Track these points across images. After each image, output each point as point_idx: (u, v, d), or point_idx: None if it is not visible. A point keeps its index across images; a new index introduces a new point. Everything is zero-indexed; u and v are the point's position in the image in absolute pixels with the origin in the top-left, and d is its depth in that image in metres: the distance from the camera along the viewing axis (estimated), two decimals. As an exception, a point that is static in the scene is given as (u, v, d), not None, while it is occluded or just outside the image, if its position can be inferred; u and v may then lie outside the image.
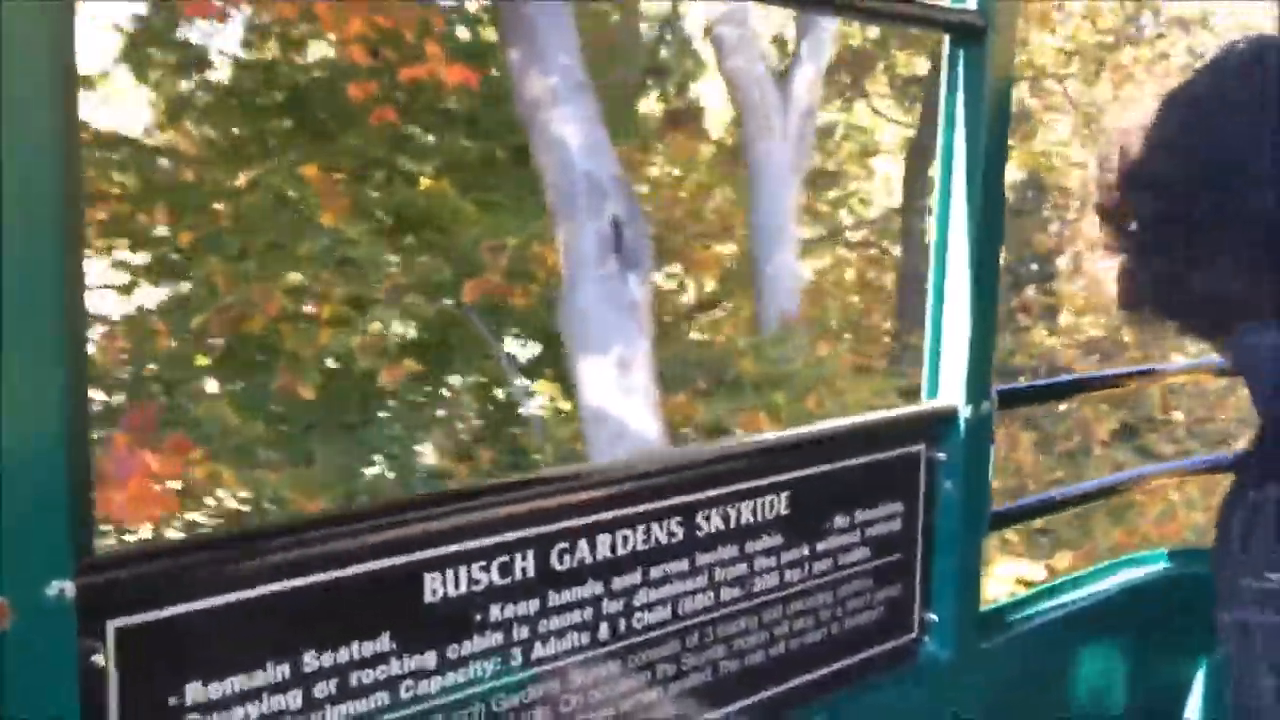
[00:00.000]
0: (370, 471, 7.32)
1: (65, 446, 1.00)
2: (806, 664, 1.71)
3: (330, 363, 7.53)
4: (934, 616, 1.88)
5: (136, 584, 1.10)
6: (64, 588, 1.02)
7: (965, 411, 1.83)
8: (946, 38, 1.78)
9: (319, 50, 9.48)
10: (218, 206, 7.82)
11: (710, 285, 9.11)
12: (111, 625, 1.07)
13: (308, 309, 7.60)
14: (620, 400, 6.11)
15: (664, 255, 8.52)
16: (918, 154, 15.28)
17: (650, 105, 11.85)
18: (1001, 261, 1.87)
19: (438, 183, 9.36)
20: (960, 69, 1.78)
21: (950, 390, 1.84)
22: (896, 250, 15.01)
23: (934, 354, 1.86)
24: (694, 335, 8.14)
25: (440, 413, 8.43)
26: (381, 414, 7.77)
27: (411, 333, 8.22)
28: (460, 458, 7.45)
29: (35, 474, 0.99)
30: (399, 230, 8.97)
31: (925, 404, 1.87)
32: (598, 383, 6.17)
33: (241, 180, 8.54)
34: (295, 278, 7.55)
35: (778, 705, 1.67)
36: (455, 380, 8.83)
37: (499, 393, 8.64)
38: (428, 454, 7.90)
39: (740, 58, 8.85)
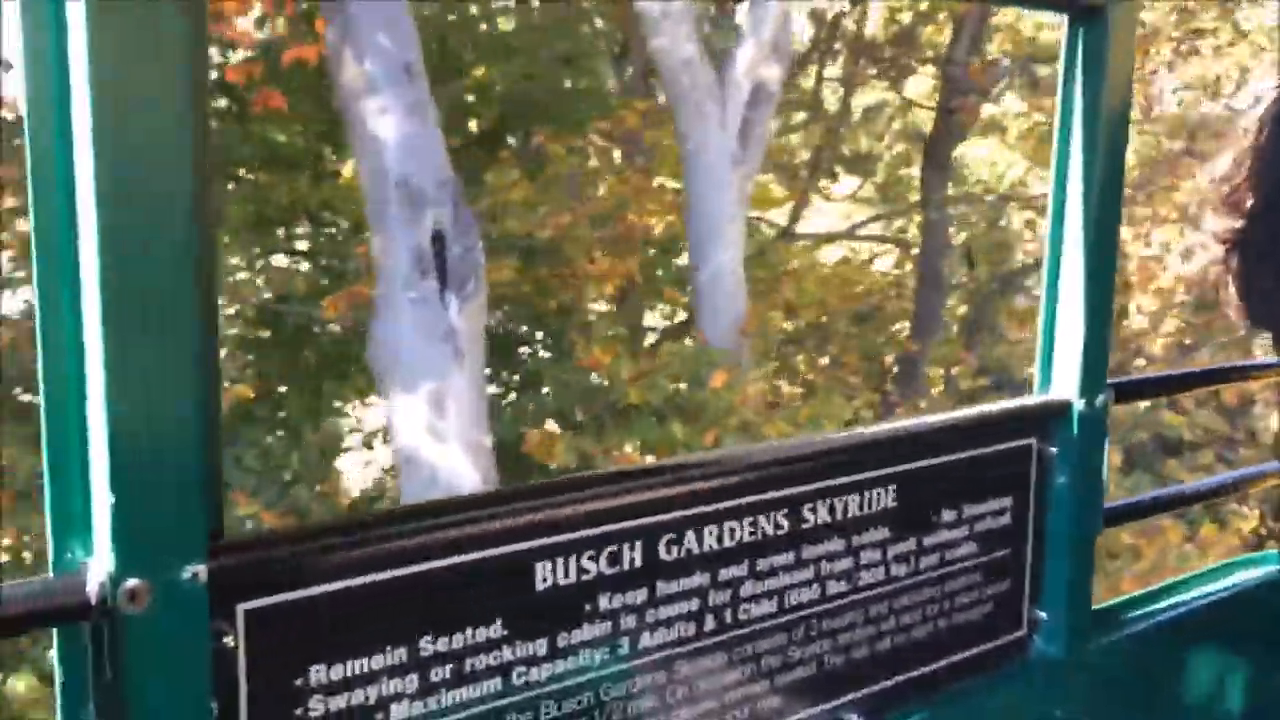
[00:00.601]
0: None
1: (198, 434, 1.02)
2: (913, 659, 1.70)
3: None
4: (1043, 614, 1.85)
5: (265, 568, 1.14)
6: (198, 570, 1.04)
7: (1079, 405, 1.80)
8: (1065, 18, 1.73)
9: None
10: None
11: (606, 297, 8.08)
12: (241, 607, 1.11)
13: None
14: (431, 445, 5.18)
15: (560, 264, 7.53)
16: (936, 141, 14.07)
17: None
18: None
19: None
20: (1079, 51, 1.73)
21: (1063, 383, 1.81)
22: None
23: (1047, 345, 1.82)
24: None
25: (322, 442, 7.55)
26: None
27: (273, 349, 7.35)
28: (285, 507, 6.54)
29: (172, 460, 1.01)
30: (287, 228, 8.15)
31: (1037, 396, 1.83)
32: (407, 424, 5.24)
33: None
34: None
35: (884, 700, 1.66)
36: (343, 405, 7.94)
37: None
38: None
39: (666, 37, 7.79)
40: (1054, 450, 1.81)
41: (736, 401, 6.40)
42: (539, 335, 7.86)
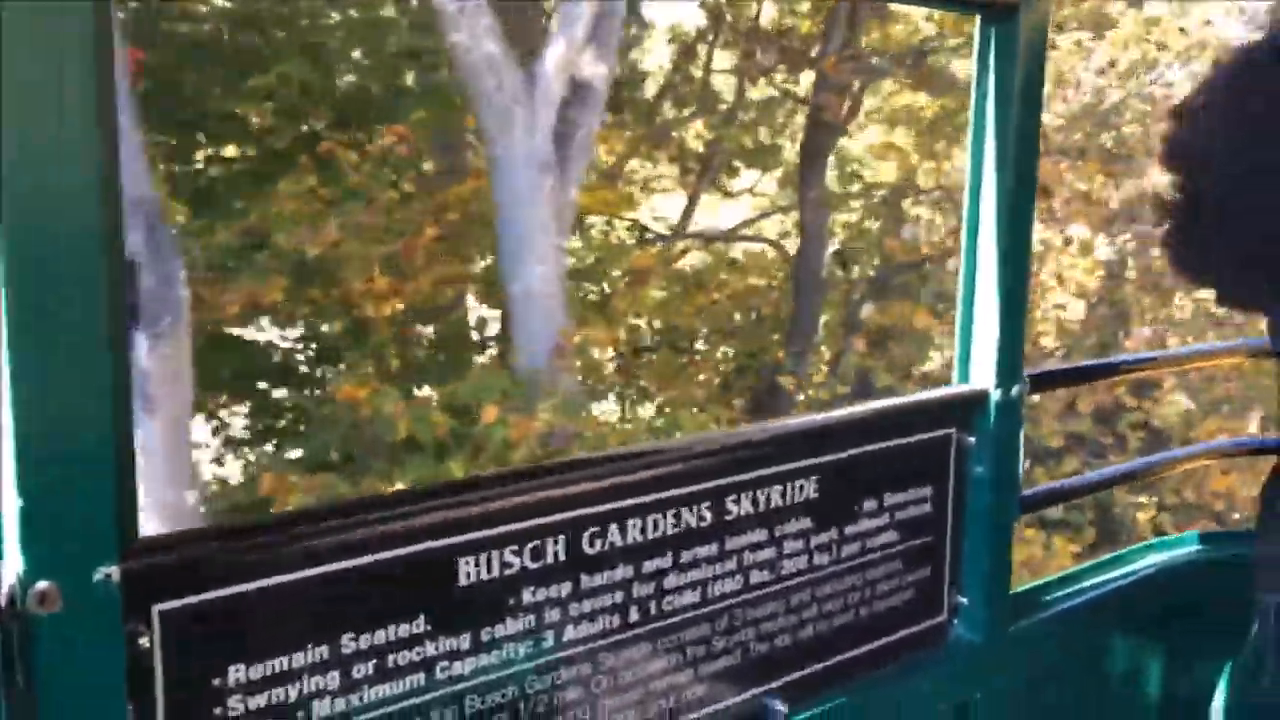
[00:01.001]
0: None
1: (110, 436, 1.02)
2: (836, 646, 1.72)
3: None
4: (963, 599, 1.89)
5: (180, 568, 1.12)
6: (110, 572, 1.03)
7: (995, 395, 1.84)
8: (978, 17, 1.75)
9: None
10: None
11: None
12: (156, 608, 1.10)
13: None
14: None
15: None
16: (812, 138, 13.59)
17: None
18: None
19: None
20: (991, 49, 1.76)
21: (981, 373, 1.85)
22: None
23: (965, 337, 1.87)
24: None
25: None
26: None
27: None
28: None
29: (82, 462, 1.00)
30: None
31: (955, 387, 1.88)
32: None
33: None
34: None
35: (808, 687, 1.68)
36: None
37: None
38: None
39: (464, 33, 7.14)
40: (972, 439, 1.85)
41: (514, 435, 5.82)
42: (328, 362, 7.19)
